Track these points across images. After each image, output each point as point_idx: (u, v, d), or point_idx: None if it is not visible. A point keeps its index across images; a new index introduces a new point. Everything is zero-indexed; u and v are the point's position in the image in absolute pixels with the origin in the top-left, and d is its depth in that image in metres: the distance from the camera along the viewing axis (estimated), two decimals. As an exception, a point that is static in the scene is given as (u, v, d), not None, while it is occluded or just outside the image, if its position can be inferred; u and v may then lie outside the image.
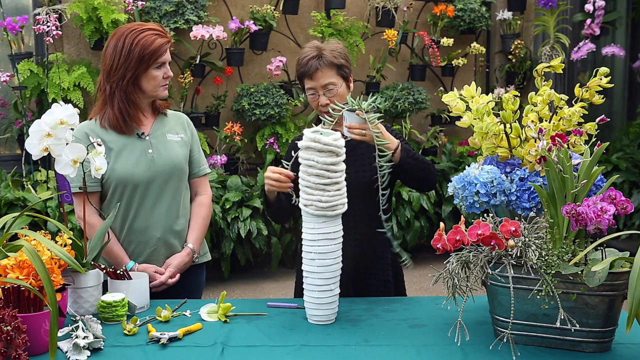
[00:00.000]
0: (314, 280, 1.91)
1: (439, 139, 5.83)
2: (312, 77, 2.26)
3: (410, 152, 2.20)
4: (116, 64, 2.26)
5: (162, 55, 2.29)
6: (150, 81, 2.29)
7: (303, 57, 2.29)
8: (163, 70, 2.31)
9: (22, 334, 1.57)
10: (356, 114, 2.05)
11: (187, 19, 4.93)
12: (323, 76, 2.25)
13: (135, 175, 2.29)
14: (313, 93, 2.28)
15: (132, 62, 2.25)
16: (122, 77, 2.26)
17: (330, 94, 2.26)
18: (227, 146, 5.28)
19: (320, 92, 2.26)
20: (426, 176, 2.25)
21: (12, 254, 1.75)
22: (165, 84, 2.34)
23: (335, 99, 2.24)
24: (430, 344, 1.77)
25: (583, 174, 1.73)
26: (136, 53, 2.25)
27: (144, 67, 2.26)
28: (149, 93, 2.32)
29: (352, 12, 5.69)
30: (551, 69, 1.98)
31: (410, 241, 5.33)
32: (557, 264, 1.64)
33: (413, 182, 2.31)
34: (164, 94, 2.36)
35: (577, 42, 5.79)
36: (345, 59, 2.30)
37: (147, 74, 2.28)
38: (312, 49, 2.30)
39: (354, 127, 2.07)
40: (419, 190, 2.43)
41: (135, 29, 2.28)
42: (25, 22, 4.67)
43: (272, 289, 4.91)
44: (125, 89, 2.28)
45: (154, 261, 2.34)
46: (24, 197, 4.40)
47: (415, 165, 2.20)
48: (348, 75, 2.31)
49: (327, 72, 2.25)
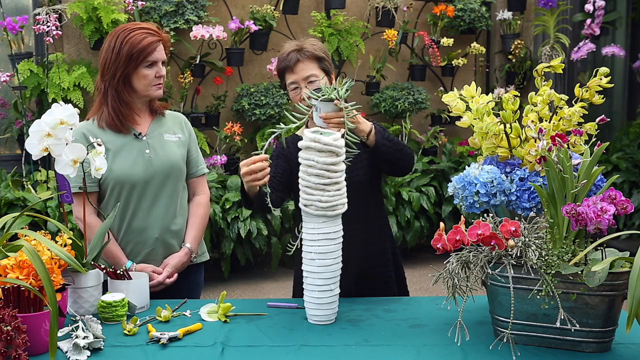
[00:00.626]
0: (314, 280, 1.91)
1: (439, 139, 5.83)
2: (294, 70, 2.24)
3: (384, 134, 2.13)
4: (108, 63, 2.29)
5: (151, 53, 2.28)
6: (140, 80, 2.29)
7: (283, 52, 2.28)
8: (155, 69, 2.31)
9: (22, 334, 1.57)
10: (334, 103, 1.95)
11: (187, 19, 4.93)
12: (304, 68, 2.24)
13: (132, 175, 2.29)
14: (295, 87, 2.26)
15: (122, 60, 2.26)
16: (113, 76, 2.28)
17: (312, 86, 2.22)
18: (227, 146, 5.28)
19: (302, 84, 2.24)
20: (404, 158, 2.18)
21: (12, 254, 1.75)
22: (157, 83, 2.33)
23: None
24: (430, 344, 1.76)
25: (583, 174, 1.73)
26: (125, 51, 2.26)
27: (133, 65, 2.27)
28: (141, 92, 2.32)
29: (352, 12, 5.69)
30: (551, 69, 1.98)
31: (410, 241, 5.33)
32: (557, 264, 1.64)
33: (391, 166, 2.22)
34: (156, 94, 2.35)
35: (577, 42, 5.79)
36: (325, 54, 2.31)
37: (137, 72, 2.28)
38: (292, 45, 2.30)
39: (331, 118, 1.96)
40: (397, 175, 2.37)
41: (127, 28, 2.30)
42: (25, 22, 4.67)
43: (272, 289, 4.91)
44: (117, 88, 2.29)
45: (152, 261, 2.34)
46: (24, 197, 4.40)
47: (392, 147, 2.13)
48: (329, 69, 2.30)
49: (309, 64, 2.24)
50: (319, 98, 1.96)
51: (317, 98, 1.96)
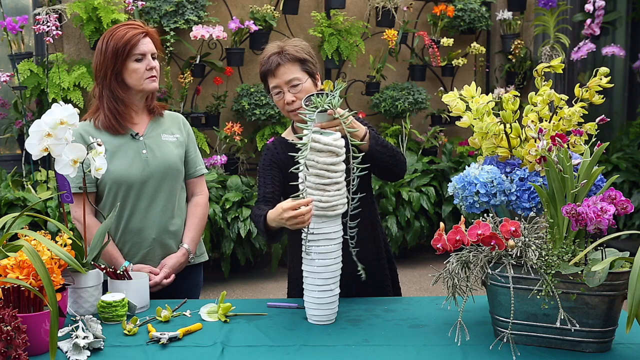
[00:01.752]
0: (314, 280, 1.91)
1: (439, 139, 5.82)
2: (275, 74, 2.16)
3: (379, 140, 2.10)
4: (99, 64, 2.31)
5: (135, 45, 2.28)
6: (132, 74, 2.29)
7: (264, 56, 2.19)
8: (145, 63, 2.30)
9: (22, 334, 1.57)
10: (328, 113, 1.92)
11: (187, 19, 4.93)
12: (286, 72, 2.15)
13: (129, 175, 2.29)
14: (278, 92, 2.18)
15: (109, 58, 2.27)
16: (104, 76, 2.29)
17: (295, 90, 2.14)
18: (227, 146, 5.28)
19: (285, 89, 2.16)
20: (397, 164, 2.15)
21: (12, 254, 1.75)
22: (150, 75, 2.31)
23: (301, 95, 2.13)
24: (430, 344, 1.77)
25: (583, 174, 1.73)
26: (110, 48, 2.27)
27: (120, 61, 2.27)
28: (135, 87, 2.31)
29: (352, 12, 5.69)
30: (551, 69, 1.98)
31: (410, 241, 5.33)
32: (557, 264, 1.64)
33: (383, 172, 2.19)
34: (151, 87, 2.33)
35: (577, 42, 5.79)
36: (309, 55, 2.21)
37: (127, 67, 2.28)
38: (274, 47, 2.20)
39: (327, 127, 1.94)
40: (389, 180, 2.33)
41: (113, 28, 2.32)
42: (25, 22, 4.67)
43: (272, 289, 4.91)
44: (110, 87, 2.29)
45: (149, 262, 2.33)
46: (24, 197, 4.40)
47: (385, 153, 2.10)
48: (313, 71, 2.21)
49: (290, 67, 2.15)
50: (315, 110, 1.91)
51: (313, 111, 1.91)
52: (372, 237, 2.29)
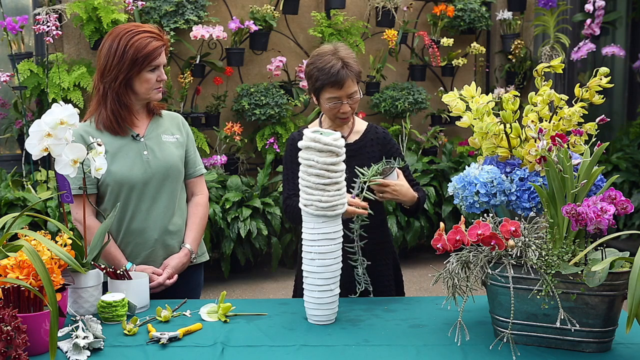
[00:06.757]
0: (314, 280, 1.91)
1: (439, 139, 5.83)
2: (341, 87, 2.23)
3: (420, 205, 2.30)
4: (110, 64, 2.25)
5: (156, 58, 2.26)
6: (143, 84, 2.27)
7: (329, 67, 2.22)
8: (157, 73, 2.29)
9: (22, 334, 1.57)
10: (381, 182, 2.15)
11: (187, 19, 4.93)
12: (350, 85, 2.24)
13: (131, 177, 2.29)
14: (336, 102, 2.25)
15: (125, 64, 2.23)
16: (114, 79, 2.25)
17: (352, 101, 2.27)
18: (227, 146, 5.28)
19: (345, 100, 2.25)
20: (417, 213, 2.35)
21: (12, 254, 1.75)
22: (158, 87, 2.31)
23: (355, 105, 2.29)
24: (430, 344, 1.77)
25: (583, 174, 1.73)
26: (129, 55, 2.22)
27: (137, 69, 2.24)
28: (142, 96, 2.30)
29: (352, 12, 5.69)
30: (551, 69, 1.98)
31: (410, 241, 5.33)
32: (557, 264, 1.64)
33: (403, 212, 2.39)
34: (157, 97, 2.34)
35: (577, 42, 5.79)
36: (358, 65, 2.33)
37: (140, 76, 2.26)
38: (333, 57, 2.24)
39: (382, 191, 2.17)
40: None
41: (131, 30, 2.25)
42: (25, 22, 4.67)
43: (272, 289, 4.91)
44: (117, 91, 2.26)
45: (151, 262, 2.33)
46: (24, 197, 4.40)
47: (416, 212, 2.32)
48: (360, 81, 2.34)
49: (353, 81, 2.26)
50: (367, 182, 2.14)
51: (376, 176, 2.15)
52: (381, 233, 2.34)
